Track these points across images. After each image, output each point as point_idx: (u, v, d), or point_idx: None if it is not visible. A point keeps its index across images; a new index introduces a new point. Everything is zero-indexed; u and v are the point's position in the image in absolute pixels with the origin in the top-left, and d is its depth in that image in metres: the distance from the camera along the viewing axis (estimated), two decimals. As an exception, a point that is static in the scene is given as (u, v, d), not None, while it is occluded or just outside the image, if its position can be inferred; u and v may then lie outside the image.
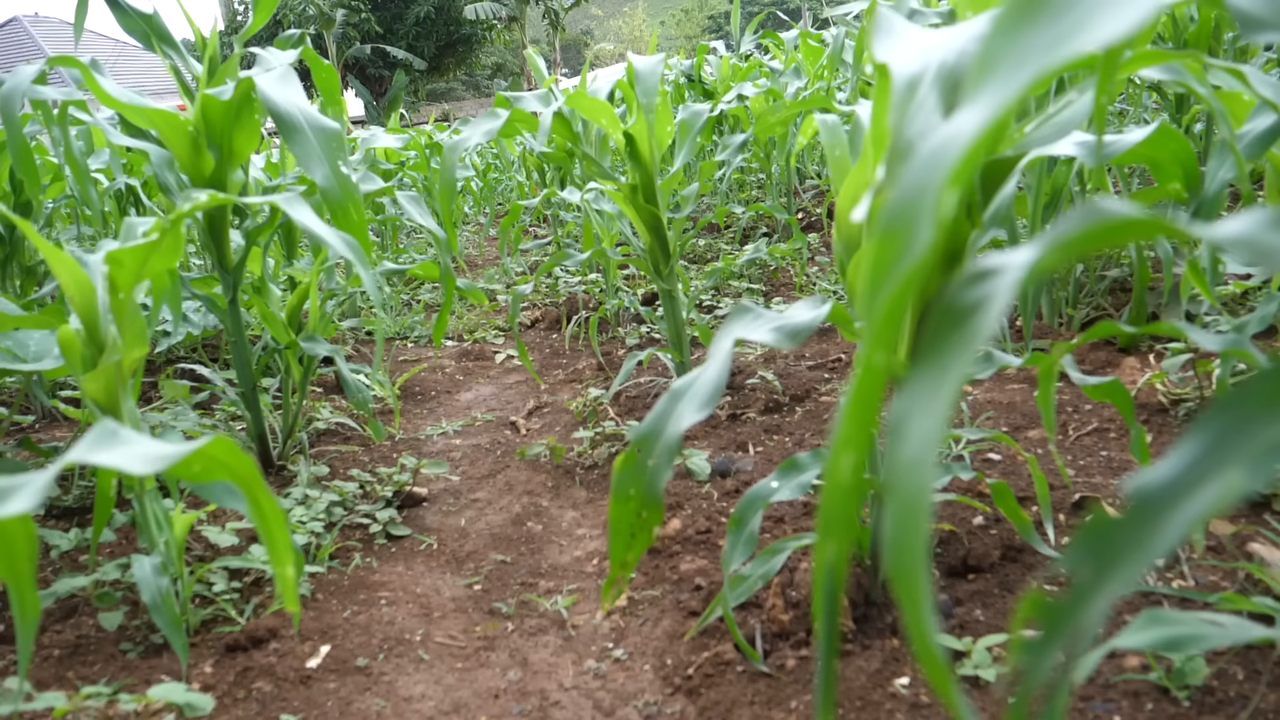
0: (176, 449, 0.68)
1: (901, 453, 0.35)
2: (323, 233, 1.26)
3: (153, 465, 0.65)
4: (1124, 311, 2.44)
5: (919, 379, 0.36)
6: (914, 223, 0.37)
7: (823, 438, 2.05)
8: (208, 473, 0.77)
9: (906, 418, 0.35)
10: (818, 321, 1.03)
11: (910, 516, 0.34)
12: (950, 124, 0.40)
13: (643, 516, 0.98)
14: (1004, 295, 0.35)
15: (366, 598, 1.59)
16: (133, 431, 0.69)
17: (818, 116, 1.46)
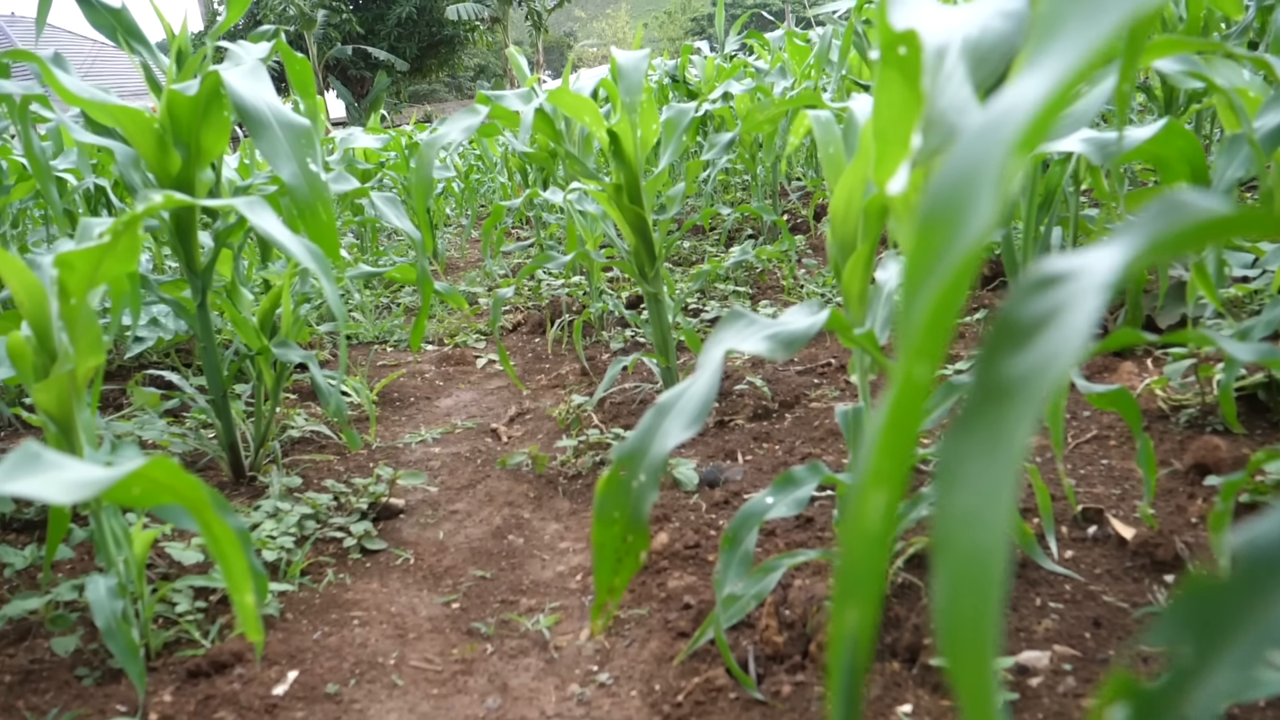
0: (106, 474, 0.61)
1: (957, 501, 0.28)
2: (283, 238, 1.18)
3: (76, 493, 0.58)
4: (1117, 315, 2.40)
5: (977, 412, 0.29)
6: (969, 202, 0.30)
7: (814, 446, 1.98)
8: (150, 496, 0.70)
9: (963, 457, 0.29)
10: (815, 329, 0.96)
11: (973, 585, 0.27)
12: (1014, 87, 0.33)
13: (628, 541, 0.91)
14: (1087, 304, 0.28)
15: (338, 617, 1.52)
16: (57, 454, 0.61)
17: (810, 113, 1.39)
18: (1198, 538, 1.39)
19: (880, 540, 0.31)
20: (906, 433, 0.31)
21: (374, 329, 3.65)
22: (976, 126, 0.33)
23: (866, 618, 0.31)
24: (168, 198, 1.09)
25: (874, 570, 0.31)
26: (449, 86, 38.91)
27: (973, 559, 0.28)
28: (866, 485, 0.31)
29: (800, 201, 5.12)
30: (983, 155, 0.31)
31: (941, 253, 0.31)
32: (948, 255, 0.31)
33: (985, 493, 0.28)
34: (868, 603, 0.31)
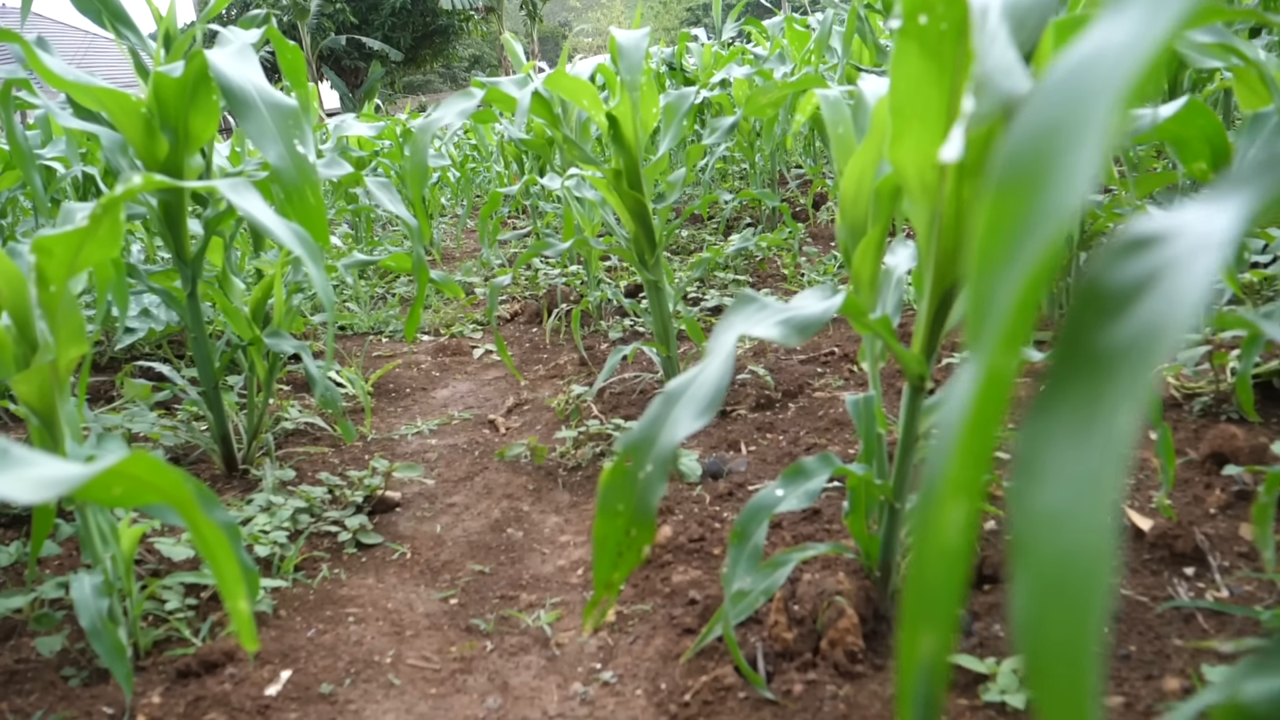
0: (79, 472, 0.57)
1: (1042, 497, 0.24)
2: (269, 222, 1.13)
3: (44, 491, 0.54)
4: (1126, 301, 2.36)
5: (1062, 391, 0.25)
6: (1059, 161, 0.26)
7: (819, 436, 1.94)
8: (133, 495, 0.65)
9: (1047, 444, 0.24)
10: (829, 313, 0.92)
11: (1066, 602, 0.23)
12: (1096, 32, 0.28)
13: (631, 534, 0.86)
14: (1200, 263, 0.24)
15: (333, 614, 1.47)
16: (26, 449, 0.57)
17: (819, 93, 1.35)
18: (1218, 529, 1.35)
19: (960, 557, 0.26)
20: (989, 435, 0.26)
21: (369, 319, 3.61)
22: (1063, 74, 0.29)
23: (944, 643, 0.26)
24: (148, 179, 1.04)
25: (952, 590, 0.26)
26: (444, 77, 38.73)
27: (1064, 569, 0.23)
28: (944, 495, 0.26)
29: (799, 190, 5.07)
30: (1078, 105, 0.27)
31: (1026, 223, 0.27)
32: (1036, 226, 0.26)
33: (1078, 486, 0.24)
34: (945, 626, 0.26)
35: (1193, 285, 0.24)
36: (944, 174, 1.01)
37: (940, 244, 1.07)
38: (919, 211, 1.06)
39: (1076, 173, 0.26)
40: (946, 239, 1.06)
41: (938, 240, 1.07)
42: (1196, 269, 0.25)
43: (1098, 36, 0.30)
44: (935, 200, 1.04)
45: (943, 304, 1.13)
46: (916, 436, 1.19)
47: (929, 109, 0.96)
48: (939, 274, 1.10)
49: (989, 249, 0.27)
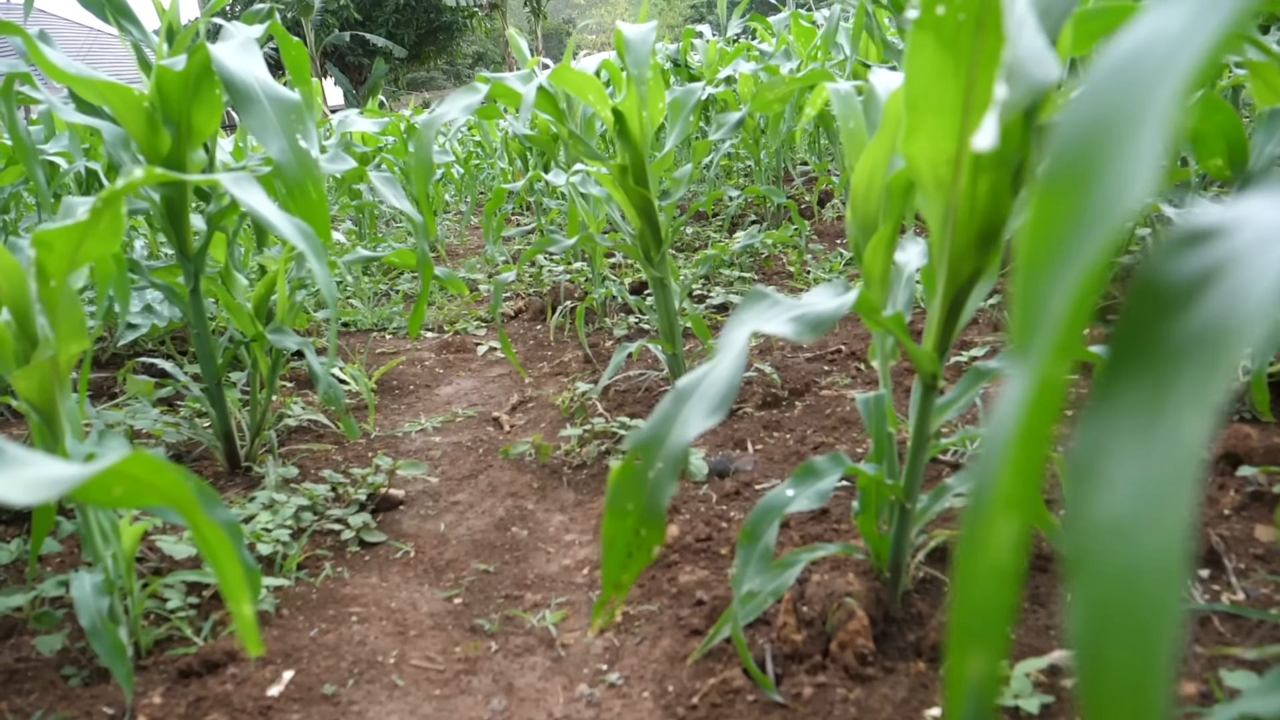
0: (76, 472, 0.55)
1: (1102, 508, 0.22)
2: (272, 217, 1.12)
3: (39, 492, 0.52)
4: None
5: (1121, 392, 0.23)
6: (1117, 155, 0.24)
7: (826, 435, 1.92)
8: (133, 496, 0.64)
9: (1106, 451, 0.23)
10: (842, 310, 0.90)
11: (1129, 627, 0.21)
12: (1150, 18, 0.26)
13: (641, 534, 0.85)
14: (1269, 258, 0.22)
15: (336, 613, 1.46)
16: (21, 448, 0.55)
17: (830, 87, 1.33)
18: (1233, 530, 1.33)
19: (1012, 575, 0.24)
20: (1041, 447, 0.24)
21: (372, 316, 3.59)
22: (1116, 63, 0.27)
23: (993, 665, 0.25)
24: (149, 171, 1.03)
25: (1003, 610, 0.25)
26: (447, 74, 38.71)
27: (1129, 588, 0.22)
28: (994, 510, 0.24)
29: (804, 186, 5.05)
30: (1135, 95, 0.25)
31: (1079, 222, 0.25)
32: (1090, 225, 0.24)
33: (1143, 495, 0.22)
34: (995, 647, 0.25)
35: (1263, 277, 0.22)
36: (958, 169, 0.99)
37: (954, 240, 1.05)
38: (932, 207, 1.04)
39: (1134, 167, 0.24)
40: (960, 235, 1.05)
41: (951, 236, 1.05)
42: (1266, 260, 0.23)
43: (1151, 24, 0.28)
44: (949, 196, 1.02)
45: (956, 301, 1.11)
46: (928, 436, 1.17)
47: (944, 102, 0.94)
48: (953, 271, 1.08)
49: (1037, 250, 0.25)
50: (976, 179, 0.99)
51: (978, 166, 0.98)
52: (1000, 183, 0.98)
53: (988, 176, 0.98)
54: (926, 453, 1.18)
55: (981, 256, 1.06)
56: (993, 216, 1.02)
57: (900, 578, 1.25)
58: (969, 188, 1.00)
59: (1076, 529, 0.23)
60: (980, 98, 0.91)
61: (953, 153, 0.98)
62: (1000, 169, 0.97)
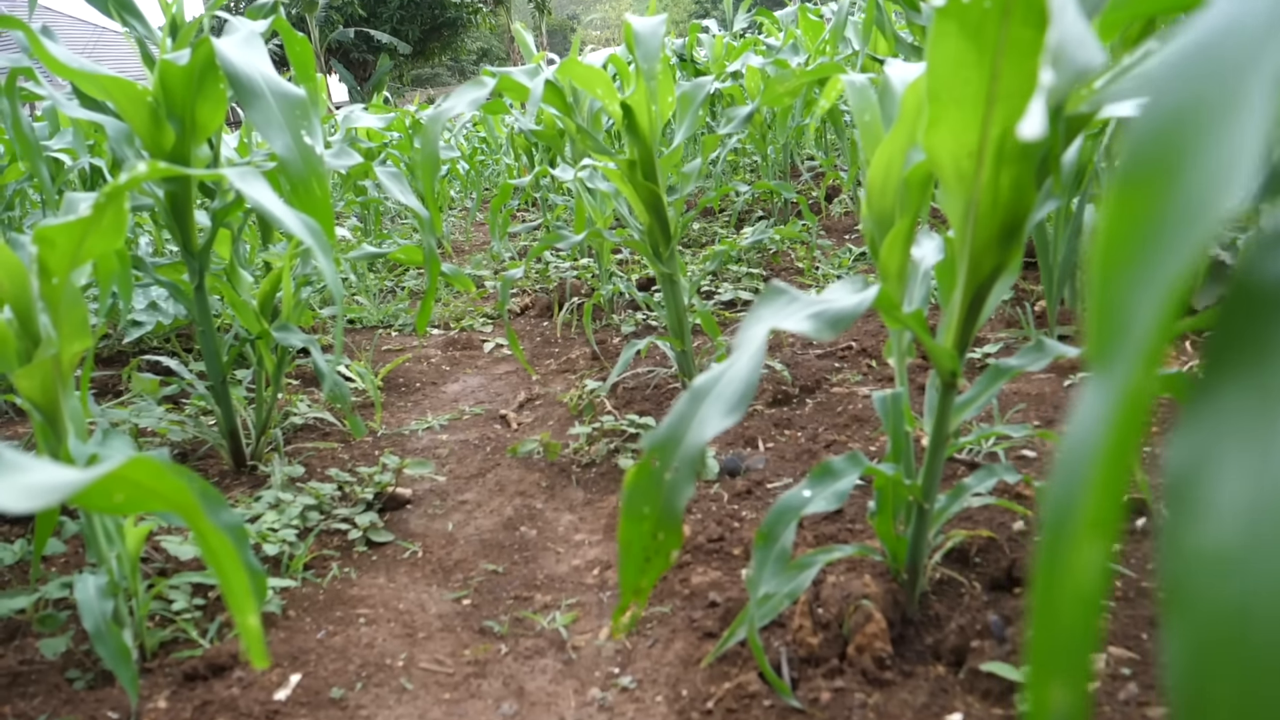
0: (75, 477, 0.53)
1: (1208, 536, 0.20)
2: (278, 212, 1.10)
3: (36, 499, 0.50)
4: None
5: (1225, 403, 0.21)
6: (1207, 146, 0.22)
7: (838, 433, 1.90)
8: (135, 502, 0.61)
9: (1211, 471, 0.20)
10: (862, 307, 0.87)
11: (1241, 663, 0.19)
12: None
13: (659, 538, 0.83)
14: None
15: (343, 615, 1.44)
16: (18, 454, 0.53)
17: (845, 79, 1.30)
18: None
19: (1096, 600, 0.22)
20: (1127, 464, 0.22)
21: (378, 313, 3.57)
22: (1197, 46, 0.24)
23: (1079, 696, 0.22)
24: (153, 166, 1.00)
25: (1088, 638, 0.22)
26: (451, 70, 38.69)
27: (1240, 630, 0.19)
28: (1078, 533, 0.22)
29: (812, 181, 5.02)
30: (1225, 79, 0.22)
31: (1164, 222, 0.22)
32: (1178, 225, 0.22)
33: (1256, 521, 0.20)
34: (1081, 678, 0.22)
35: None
36: (981, 162, 0.97)
37: (975, 235, 1.03)
38: (953, 201, 1.02)
39: (1229, 159, 0.22)
40: (982, 230, 1.02)
41: (973, 231, 1.03)
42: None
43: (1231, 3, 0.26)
44: (971, 189, 1.00)
45: (976, 298, 1.08)
46: (947, 435, 1.15)
47: (967, 93, 0.91)
48: (974, 266, 1.06)
49: (1116, 253, 0.23)
50: (999, 172, 0.97)
51: (1001, 159, 0.96)
52: (1024, 176, 0.96)
53: (1011, 169, 0.96)
54: (945, 452, 1.15)
55: (1003, 251, 1.04)
56: (1015, 210, 0.99)
57: (918, 579, 1.23)
58: (991, 181, 0.98)
59: (1176, 559, 0.20)
60: (1006, 88, 0.89)
61: (975, 145, 0.95)
62: (1024, 162, 0.94)
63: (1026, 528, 1.41)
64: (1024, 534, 1.40)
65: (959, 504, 1.23)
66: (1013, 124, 0.91)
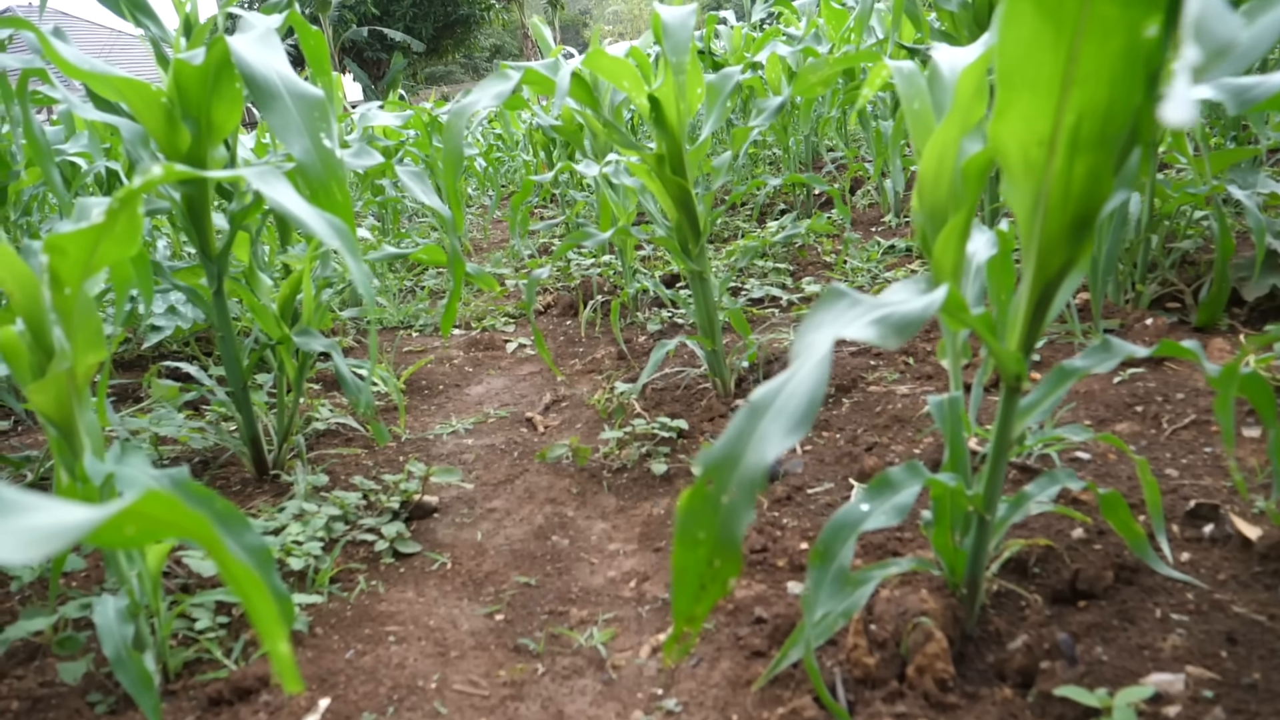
0: (87, 517, 0.47)
1: None
2: (301, 212, 1.04)
3: (42, 547, 0.44)
4: (1197, 288, 2.22)
5: None
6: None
7: (878, 434, 1.83)
8: (149, 534, 0.56)
9: None
10: (930, 310, 0.81)
11: None
12: None
13: (715, 565, 0.76)
14: None
15: (372, 633, 1.38)
16: (18, 493, 0.47)
17: (892, 64, 1.23)
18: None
19: None
20: None
21: (398, 313, 3.52)
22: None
23: None
24: (168, 169, 0.95)
25: None
26: (465, 68, 38.70)
27: None
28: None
29: (836, 173, 4.94)
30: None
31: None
32: None
33: None
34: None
35: None
36: (1053, 150, 0.90)
37: (1044, 229, 0.96)
38: (1020, 194, 0.95)
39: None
40: (1051, 223, 0.95)
41: (1041, 225, 0.96)
42: None
43: None
44: (1041, 180, 0.93)
45: (1044, 296, 1.02)
46: (1010, 441, 1.08)
47: (1041, 77, 0.84)
48: (1041, 263, 0.99)
49: None
50: (1073, 161, 0.90)
51: (1075, 147, 0.89)
52: (1101, 165, 0.89)
53: (1087, 158, 0.89)
54: (1007, 459, 1.09)
55: (1073, 246, 0.97)
56: (1089, 202, 0.92)
57: (977, 594, 1.16)
58: (1063, 171, 0.91)
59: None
60: (1084, 71, 0.82)
61: (1047, 133, 0.88)
62: (1102, 149, 0.87)
63: (1086, 535, 1.34)
64: (1084, 542, 1.33)
65: (1020, 514, 1.16)
66: (1090, 109, 0.84)
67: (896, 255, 3.25)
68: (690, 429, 2.01)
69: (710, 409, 2.09)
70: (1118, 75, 0.82)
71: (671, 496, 1.74)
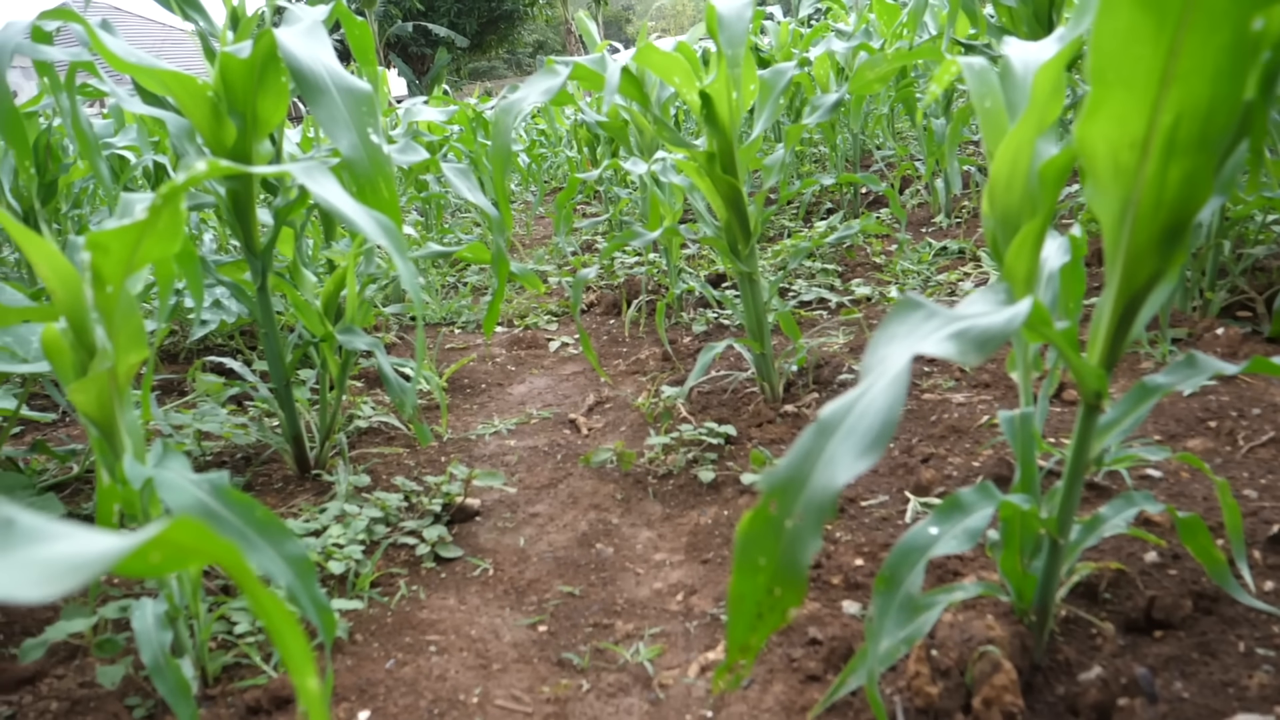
0: (109, 548, 0.43)
1: None
2: (348, 209, 1.00)
3: (58, 583, 0.40)
4: (1270, 296, 2.12)
5: None
6: None
7: (934, 445, 1.76)
8: (176, 562, 0.52)
9: None
10: (1015, 324, 0.75)
11: None
12: None
13: (775, 594, 0.71)
14: None
15: (412, 641, 1.35)
16: (39, 518, 0.44)
17: (963, 60, 1.17)
18: None
19: None
20: None
21: (441, 310, 3.50)
22: None
23: None
24: (212, 164, 0.92)
25: None
26: (508, 63, 38.86)
27: None
28: None
29: (885, 171, 4.84)
30: None
31: None
32: None
33: None
34: None
35: None
36: (1146, 153, 0.83)
37: (1132, 238, 0.90)
38: (1106, 199, 0.89)
39: None
40: (1141, 231, 0.89)
41: (1129, 233, 0.90)
42: None
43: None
44: (1131, 185, 0.87)
45: (1129, 308, 0.95)
46: (1087, 461, 1.02)
47: (1138, 73, 0.78)
48: (1128, 273, 0.92)
49: None
50: (1168, 165, 0.84)
51: (1171, 150, 0.82)
52: (1199, 169, 0.82)
53: (1184, 162, 0.83)
54: (1083, 480, 1.02)
55: (1164, 256, 0.90)
56: (1183, 209, 0.86)
57: (1046, 621, 1.10)
58: (1156, 175, 0.85)
59: None
60: (1186, 67, 0.76)
61: (1141, 134, 0.82)
62: (1201, 152, 0.81)
63: (1160, 559, 1.27)
64: (1158, 566, 1.26)
65: (1094, 538, 1.10)
66: (1190, 108, 0.78)
67: (949, 257, 3.16)
68: (738, 434, 1.95)
69: (758, 414, 2.04)
70: (1222, 72, 0.76)
71: (719, 505, 1.69)
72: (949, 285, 2.83)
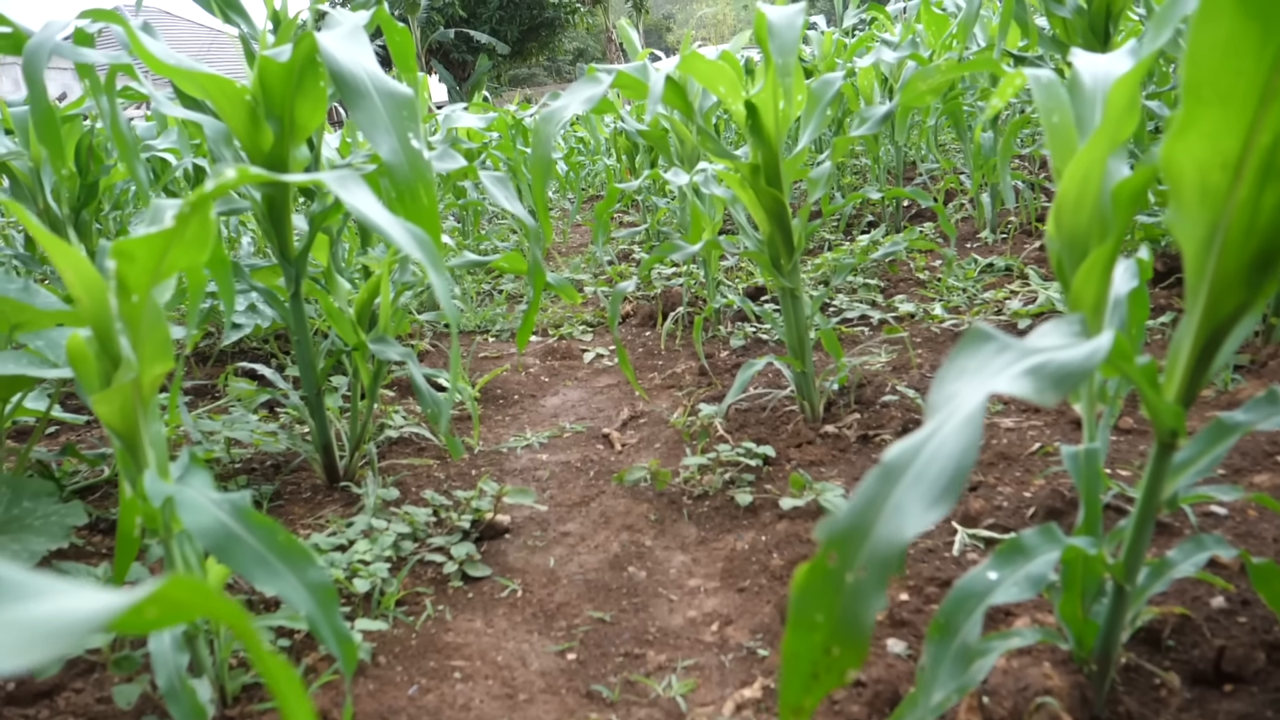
0: (101, 608, 0.39)
1: None
2: (381, 220, 0.96)
3: (44, 649, 0.36)
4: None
5: None
6: None
7: (983, 472, 1.69)
8: (173, 617, 0.48)
9: None
10: (1095, 360, 0.69)
11: None
12: None
13: (833, 654, 0.65)
14: None
15: (437, 666, 1.30)
16: (24, 573, 0.40)
17: (1029, 73, 1.11)
18: None
19: None
20: None
21: (475, 318, 3.47)
22: None
23: None
24: (242, 172, 0.88)
25: None
26: (548, 70, 39.05)
27: None
28: None
29: (929, 184, 4.76)
30: None
31: None
32: None
33: None
34: None
35: None
36: (1239, 175, 0.77)
37: (1219, 266, 0.83)
38: (1191, 224, 0.82)
39: None
40: (1228, 259, 0.82)
41: (1216, 261, 0.83)
42: None
43: None
44: (1220, 210, 0.80)
45: (1211, 342, 0.88)
46: (1159, 503, 0.95)
47: (1236, 88, 0.72)
48: (1212, 304, 0.86)
49: None
50: (1263, 189, 0.77)
51: (1268, 172, 0.76)
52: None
53: (1278, 185, 0.76)
54: (1153, 523, 0.96)
55: (1252, 287, 0.84)
56: (1277, 236, 0.79)
57: (1108, 671, 1.03)
58: (1249, 200, 0.78)
59: None
60: None
61: (1235, 155, 0.76)
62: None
63: (1229, 605, 1.19)
64: (1226, 613, 1.18)
65: (1161, 583, 1.03)
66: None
67: (995, 274, 3.08)
68: (777, 455, 1.89)
69: (798, 434, 1.98)
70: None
71: (756, 530, 1.63)
72: (995, 303, 2.75)
